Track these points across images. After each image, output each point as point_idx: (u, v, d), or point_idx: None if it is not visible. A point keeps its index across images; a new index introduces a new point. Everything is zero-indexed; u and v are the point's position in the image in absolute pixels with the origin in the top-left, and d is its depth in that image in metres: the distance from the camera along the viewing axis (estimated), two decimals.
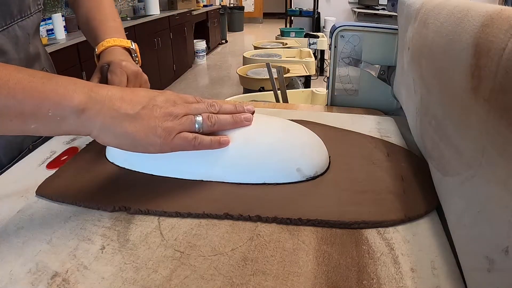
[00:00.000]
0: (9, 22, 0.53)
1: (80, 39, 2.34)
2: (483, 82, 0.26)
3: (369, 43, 0.72)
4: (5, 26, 0.52)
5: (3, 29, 0.52)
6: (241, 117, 0.44)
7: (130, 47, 0.58)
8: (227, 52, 6.06)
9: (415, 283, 0.31)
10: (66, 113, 0.34)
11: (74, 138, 0.59)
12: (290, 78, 2.27)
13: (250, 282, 0.31)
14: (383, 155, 0.51)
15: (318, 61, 3.92)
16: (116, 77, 0.50)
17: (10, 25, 0.53)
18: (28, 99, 0.32)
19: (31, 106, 0.33)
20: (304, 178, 0.45)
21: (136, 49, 0.58)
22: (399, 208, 0.40)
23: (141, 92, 0.40)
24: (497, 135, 0.24)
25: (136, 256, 0.34)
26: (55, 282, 0.32)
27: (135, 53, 0.58)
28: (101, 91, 0.37)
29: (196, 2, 5.21)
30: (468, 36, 0.29)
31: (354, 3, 5.87)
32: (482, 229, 0.27)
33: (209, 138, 0.41)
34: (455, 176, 0.33)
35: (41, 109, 0.33)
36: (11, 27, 0.54)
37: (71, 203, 0.42)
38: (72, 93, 0.34)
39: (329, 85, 0.77)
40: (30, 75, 0.34)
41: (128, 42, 0.58)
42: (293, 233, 0.37)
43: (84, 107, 0.35)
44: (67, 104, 0.34)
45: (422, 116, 0.45)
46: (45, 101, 0.33)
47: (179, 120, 0.39)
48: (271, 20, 9.69)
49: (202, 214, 0.39)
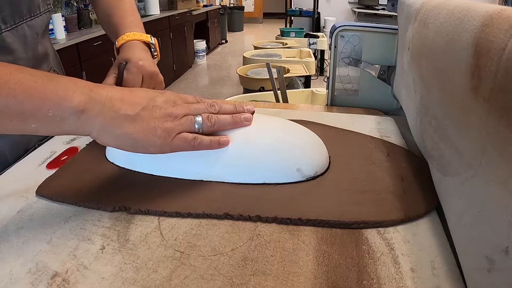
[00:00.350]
0: (18, 21, 0.53)
1: (80, 39, 2.34)
2: (483, 82, 0.26)
3: (369, 43, 0.72)
4: (14, 25, 0.53)
5: (12, 28, 0.52)
6: (241, 117, 0.44)
7: (150, 41, 0.57)
8: (227, 52, 6.06)
9: (415, 283, 0.31)
10: (66, 114, 0.34)
11: (74, 138, 0.59)
12: (290, 78, 2.27)
13: (250, 282, 0.31)
14: (383, 155, 0.51)
15: (318, 61, 3.92)
16: (132, 76, 0.50)
17: (19, 24, 0.54)
18: (29, 99, 0.33)
19: (31, 106, 0.33)
20: (304, 178, 0.45)
21: (155, 43, 0.58)
22: (399, 208, 0.40)
23: (141, 93, 0.40)
24: (497, 135, 0.24)
25: (136, 256, 0.34)
26: (55, 282, 0.32)
27: (154, 47, 0.58)
28: (101, 92, 0.37)
29: (196, 2, 5.20)
30: (468, 36, 0.29)
31: (354, 3, 5.87)
32: (482, 229, 0.27)
33: (209, 139, 0.41)
34: (455, 176, 0.33)
35: (41, 110, 0.33)
36: (20, 26, 0.54)
37: (71, 203, 0.42)
38: (72, 94, 0.34)
39: (329, 85, 0.77)
40: (31, 75, 0.34)
41: (148, 37, 0.58)
42: (293, 233, 0.37)
43: (84, 107, 0.35)
44: (67, 105, 0.34)
45: (422, 116, 0.45)
46: (45, 101, 0.33)
47: (179, 121, 0.39)
48: (271, 20, 9.69)
49: (202, 214, 0.39)
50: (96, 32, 2.58)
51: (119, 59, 0.53)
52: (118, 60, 0.53)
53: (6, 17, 0.51)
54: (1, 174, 0.50)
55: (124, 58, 0.53)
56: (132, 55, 0.53)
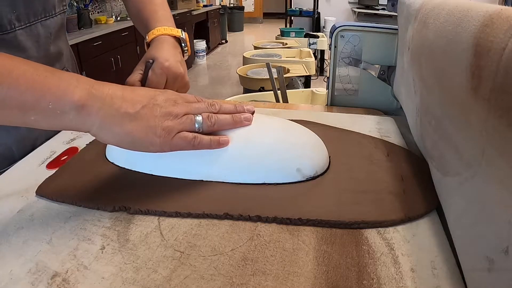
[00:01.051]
0: (33, 20, 0.54)
1: (80, 39, 2.34)
2: (483, 82, 0.26)
3: (369, 43, 0.72)
4: (28, 23, 0.53)
5: (26, 26, 0.53)
6: (241, 117, 0.44)
7: (180, 36, 0.57)
8: (227, 52, 6.06)
9: (415, 283, 0.31)
10: (66, 108, 0.34)
11: (74, 138, 0.59)
12: (290, 78, 2.27)
13: (250, 282, 0.31)
14: (383, 155, 0.51)
15: (318, 61, 3.92)
16: (156, 77, 0.49)
17: (33, 23, 0.54)
18: (30, 90, 0.33)
19: (32, 98, 0.33)
20: (304, 178, 0.45)
21: (186, 38, 0.58)
22: (399, 208, 0.40)
23: (142, 91, 0.40)
24: (497, 135, 0.24)
25: (136, 256, 0.34)
26: (55, 282, 0.32)
27: (185, 42, 0.57)
28: (103, 89, 0.37)
29: (196, 2, 5.20)
30: (468, 36, 0.29)
31: (354, 3, 5.87)
32: (482, 229, 0.27)
33: (209, 138, 0.41)
34: (455, 176, 0.33)
35: (42, 102, 0.33)
36: (34, 25, 0.55)
37: (71, 203, 0.42)
38: (73, 89, 0.35)
39: (329, 85, 0.77)
40: (34, 68, 0.34)
41: (178, 31, 0.57)
42: (293, 233, 0.37)
43: (84, 103, 0.35)
44: (68, 99, 0.34)
45: (422, 116, 0.45)
46: (46, 94, 0.34)
47: (179, 120, 0.39)
48: (271, 20, 9.69)
49: (202, 214, 0.39)
50: (96, 32, 2.58)
51: (146, 56, 0.52)
52: (146, 57, 0.52)
53: (21, 15, 0.52)
54: (1, 174, 0.50)
55: (152, 55, 0.51)
56: (160, 54, 0.51)
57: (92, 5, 3.22)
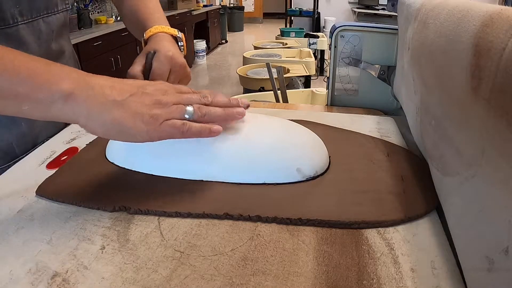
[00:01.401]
0: (35, 16, 0.55)
1: (80, 39, 2.34)
2: (483, 82, 0.26)
3: (369, 43, 0.72)
4: (30, 19, 0.55)
5: (28, 22, 0.54)
6: (233, 111, 0.43)
7: (177, 35, 0.58)
8: (227, 52, 6.06)
9: (415, 283, 0.31)
10: (55, 97, 0.35)
11: (74, 138, 0.59)
12: (290, 78, 2.27)
13: (250, 282, 0.31)
14: (383, 155, 0.51)
15: (318, 61, 3.91)
16: (160, 65, 0.50)
17: (36, 18, 0.56)
18: (23, 81, 0.34)
19: (25, 88, 0.34)
20: (304, 178, 0.45)
21: (182, 37, 0.59)
22: (399, 208, 0.40)
23: (132, 81, 0.40)
24: (497, 135, 0.24)
25: (136, 256, 0.34)
26: (55, 282, 0.32)
27: (181, 41, 0.58)
28: (92, 80, 0.37)
29: (196, 2, 5.21)
30: (468, 36, 0.29)
31: (354, 3, 5.87)
32: (482, 229, 0.27)
33: (199, 125, 0.40)
34: (455, 176, 0.33)
35: (33, 92, 0.34)
36: (36, 21, 0.56)
37: (71, 203, 0.42)
38: (62, 78, 0.35)
39: (329, 85, 0.77)
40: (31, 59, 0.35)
41: (175, 31, 0.58)
42: (293, 233, 0.37)
43: (71, 92, 0.35)
44: (56, 88, 0.35)
45: (422, 116, 0.45)
46: (37, 84, 0.34)
47: (168, 109, 0.39)
48: (271, 20, 9.69)
49: (202, 214, 0.39)
50: (96, 32, 2.58)
51: (146, 49, 0.53)
52: (146, 49, 0.53)
53: (23, 10, 0.53)
54: (1, 174, 0.50)
55: (152, 48, 0.52)
56: (161, 46, 0.52)
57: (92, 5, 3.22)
